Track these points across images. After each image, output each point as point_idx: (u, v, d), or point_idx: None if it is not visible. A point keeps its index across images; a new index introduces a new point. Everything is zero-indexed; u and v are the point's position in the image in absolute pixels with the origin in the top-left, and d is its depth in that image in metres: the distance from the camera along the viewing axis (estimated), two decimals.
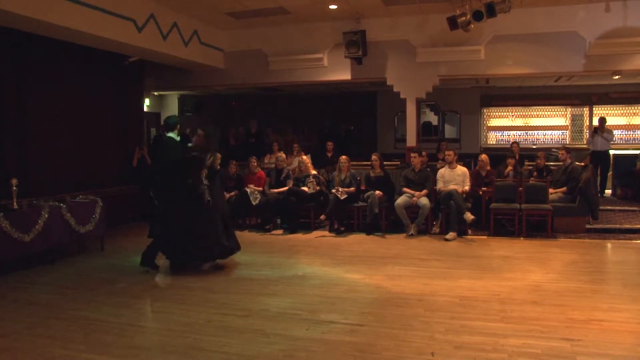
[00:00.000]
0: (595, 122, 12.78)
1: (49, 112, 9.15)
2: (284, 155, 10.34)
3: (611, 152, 11.78)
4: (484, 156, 9.71)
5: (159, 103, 15.52)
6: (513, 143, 11.35)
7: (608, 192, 11.90)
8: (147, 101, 13.70)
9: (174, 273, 6.73)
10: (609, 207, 10.09)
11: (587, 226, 8.92)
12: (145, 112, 13.04)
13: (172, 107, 16.04)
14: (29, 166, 8.63)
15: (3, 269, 6.54)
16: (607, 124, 11.67)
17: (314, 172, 9.81)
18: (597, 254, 7.66)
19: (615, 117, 14.27)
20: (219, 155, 9.22)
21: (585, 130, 14.72)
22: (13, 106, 8.55)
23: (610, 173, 11.85)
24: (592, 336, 4.31)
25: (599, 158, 11.28)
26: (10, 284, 6.24)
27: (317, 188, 9.47)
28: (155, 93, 14.44)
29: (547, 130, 15.19)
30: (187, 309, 5.26)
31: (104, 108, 10.47)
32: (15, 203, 6.76)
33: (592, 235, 8.65)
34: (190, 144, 6.88)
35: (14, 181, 6.79)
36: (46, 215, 6.91)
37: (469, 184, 8.97)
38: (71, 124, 9.60)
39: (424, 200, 8.86)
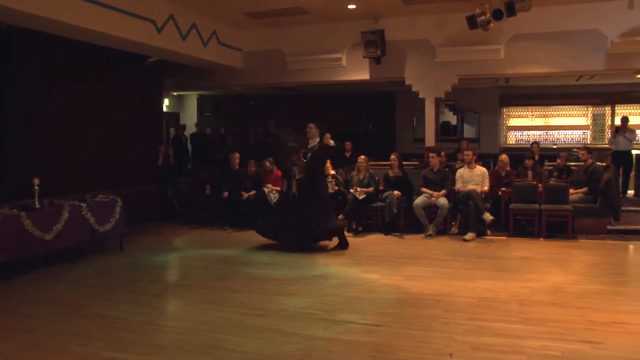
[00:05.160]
0: (617, 122, 12.58)
1: (70, 113, 9.29)
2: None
3: (634, 152, 11.57)
4: (504, 156, 9.65)
5: (178, 103, 15.65)
6: (533, 143, 11.23)
7: (630, 192, 11.68)
8: (166, 101, 13.83)
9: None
10: (631, 208, 9.87)
11: (609, 227, 8.79)
12: (164, 112, 13.16)
13: (191, 107, 16.18)
14: (50, 166, 8.76)
15: (26, 268, 6.63)
16: (629, 123, 11.47)
17: (332, 172, 9.77)
18: (619, 256, 7.55)
19: (638, 116, 14.01)
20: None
21: (606, 130, 14.51)
22: (37, 107, 8.70)
23: (632, 173, 11.64)
24: (614, 339, 4.25)
25: (621, 158, 11.08)
26: (33, 282, 6.33)
27: (336, 188, 9.44)
28: (174, 93, 14.58)
29: (568, 130, 15.00)
30: (206, 308, 5.30)
31: (123, 108, 10.59)
32: (37, 202, 6.84)
33: (614, 237, 8.52)
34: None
35: (36, 181, 6.85)
36: (67, 215, 6.97)
37: (488, 184, 8.91)
38: (92, 124, 9.73)
39: (443, 201, 8.81)
